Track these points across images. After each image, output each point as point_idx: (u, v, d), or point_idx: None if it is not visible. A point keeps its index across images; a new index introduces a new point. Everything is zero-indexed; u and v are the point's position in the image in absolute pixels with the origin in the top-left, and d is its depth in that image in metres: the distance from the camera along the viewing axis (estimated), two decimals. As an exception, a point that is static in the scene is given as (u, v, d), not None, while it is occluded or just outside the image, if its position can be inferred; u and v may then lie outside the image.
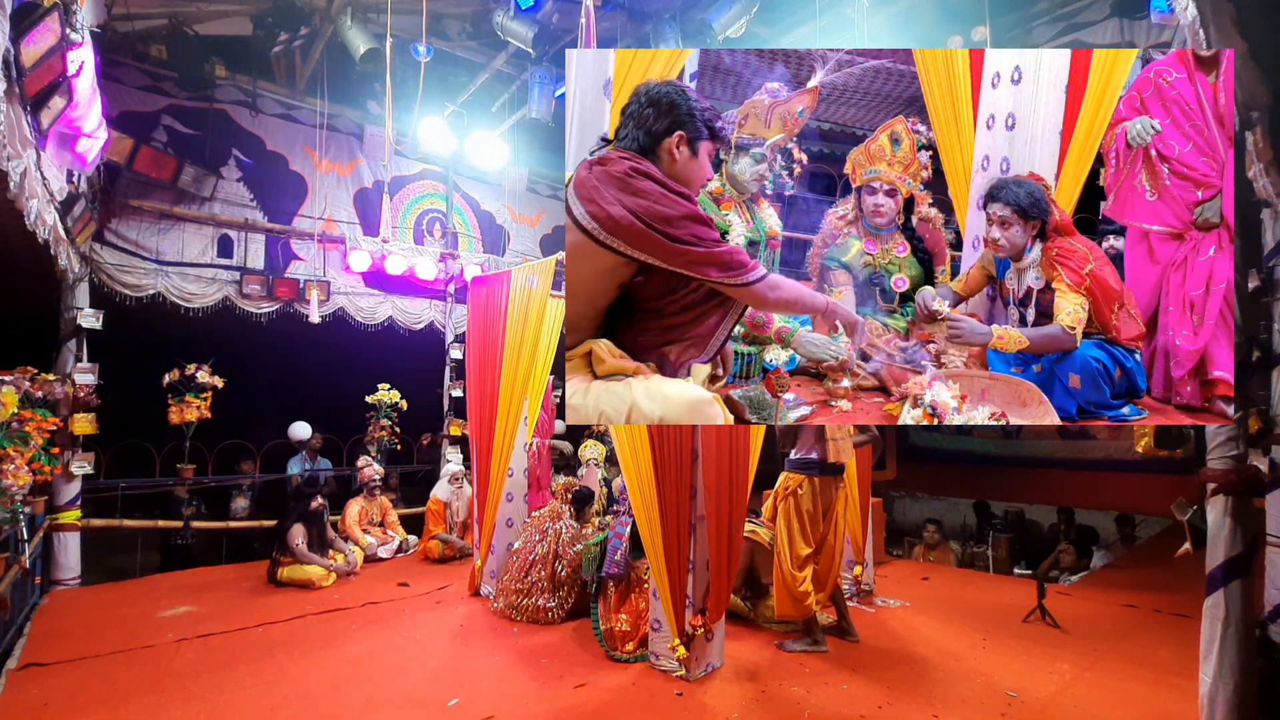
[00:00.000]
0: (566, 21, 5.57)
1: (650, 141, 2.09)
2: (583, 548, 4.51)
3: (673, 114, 2.09)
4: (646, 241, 1.96)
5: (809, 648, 4.05)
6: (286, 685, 3.58)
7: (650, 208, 1.95)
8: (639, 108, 2.13)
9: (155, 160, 5.98)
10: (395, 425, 7.45)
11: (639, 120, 2.11)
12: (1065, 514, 7.55)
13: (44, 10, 2.82)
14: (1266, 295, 2.26)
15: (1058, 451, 8.83)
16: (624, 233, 1.95)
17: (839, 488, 4.08)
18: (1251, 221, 2.27)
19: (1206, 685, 2.15)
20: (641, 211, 1.94)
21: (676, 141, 2.10)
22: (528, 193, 8.85)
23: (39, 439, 3.93)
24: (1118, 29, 4.76)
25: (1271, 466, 2.23)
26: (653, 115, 2.10)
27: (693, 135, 2.11)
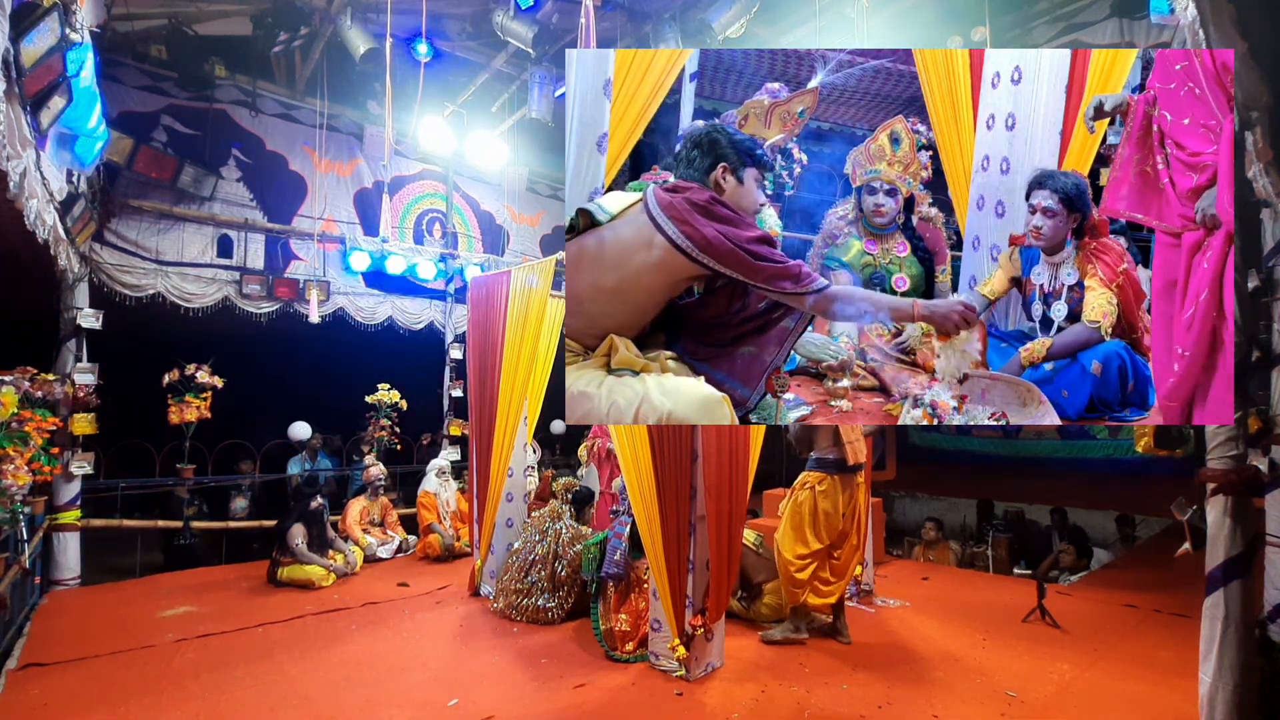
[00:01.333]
0: (566, 21, 5.58)
1: (702, 177, 2.41)
2: (583, 548, 4.51)
3: (714, 150, 2.41)
4: (734, 259, 2.26)
5: (788, 634, 4.12)
6: (286, 685, 3.58)
7: (734, 231, 2.27)
8: (685, 151, 2.46)
9: (155, 160, 5.98)
10: (395, 425, 7.45)
11: (688, 162, 2.44)
12: (1058, 514, 7.55)
13: (44, 10, 2.82)
14: (1266, 295, 2.26)
15: (1058, 451, 8.84)
16: (714, 251, 2.25)
17: (859, 486, 4.12)
18: (1251, 221, 2.27)
19: (1206, 685, 2.15)
20: (729, 234, 2.26)
21: (722, 173, 2.41)
22: (528, 193, 8.85)
23: (39, 439, 3.93)
24: (1118, 29, 4.76)
25: (1271, 466, 2.23)
26: (698, 156, 2.42)
27: (735, 165, 2.42)
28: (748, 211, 2.46)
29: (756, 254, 2.26)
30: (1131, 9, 4.64)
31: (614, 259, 2.33)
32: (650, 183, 3.84)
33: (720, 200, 2.33)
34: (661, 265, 2.30)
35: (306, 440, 7.30)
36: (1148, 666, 3.75)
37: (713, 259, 2.26)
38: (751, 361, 2.47)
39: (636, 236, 2.31)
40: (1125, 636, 4.26)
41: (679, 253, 2.27)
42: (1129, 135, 2.47)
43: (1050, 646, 4.08)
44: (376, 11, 5.80)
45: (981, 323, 3.53)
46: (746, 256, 2.26)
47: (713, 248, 2.25)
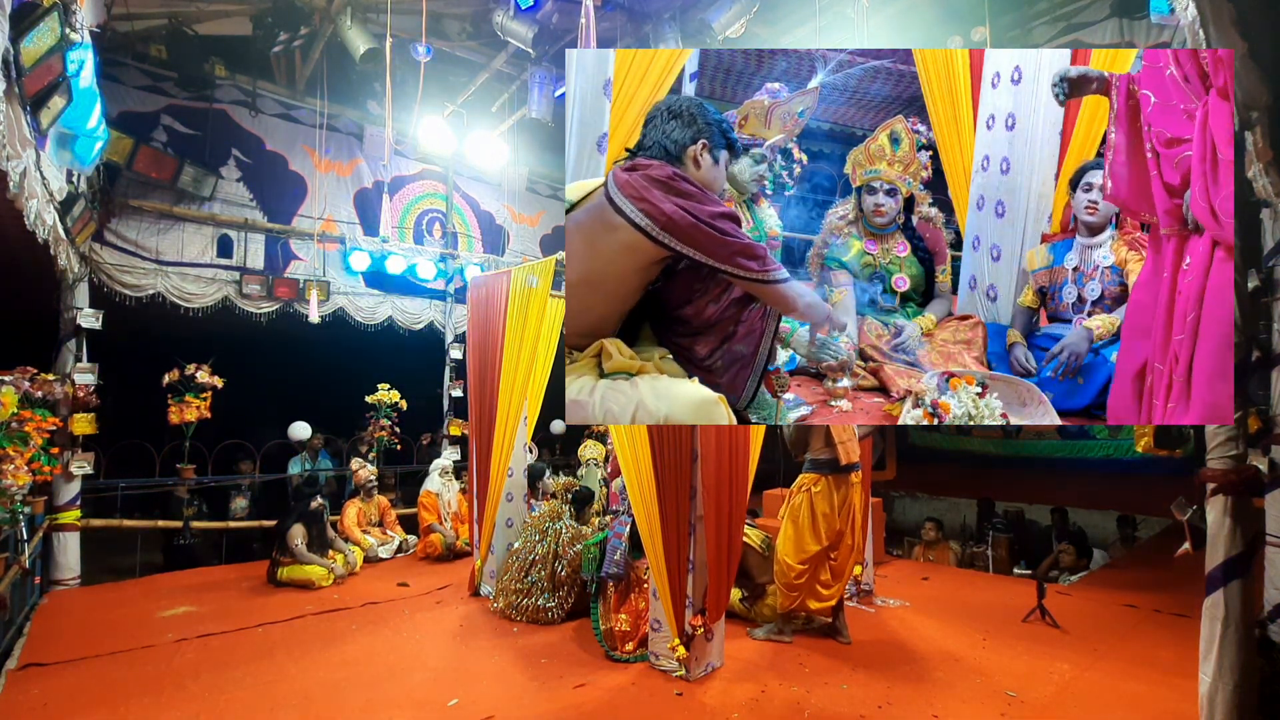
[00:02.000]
0: (566, 21, 5.57)
1: (677, 150, 2.31)
2: (583, 548, 4.52)
3: (695, 124, 2.31)
4: (698, 235, 2.14)
5: (771, 635, 4.15)
6: (286, 685, 3.58)
7: (697, 206, 2.15)
8: (662, 120, 2.33)
9: (155, 160, 5.99)
10: (395, 425, 7.45)
11: (664, 132, 2.32)
12: (1059, 514, 7.55)
13: (44, 10, 2.82)
14: (1266, 295, 2.26)
15: (1058, 451, 8.84)
16: (676, 228, 2.14)
17: (854, 486, 4.12)
18: (1251, 222, 2.27)
19: (1206, 685, 2.15)
20: (690, 209, 2.14)
21: (700, 149, 2.31)
22: (528, 193, 8.85)
23: (39, 439, 3.93)
24: (1118, 29, 4.75)
25: (1271, 466, 2.23)
26: (676, 127, 2.31)
27: (714, 143, 2.34)
28: (713, 192, 2.35)
29: (720, 229, 2.15)
30: (1131, 9, 4.64)
31: (579, 249, 2.25)
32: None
33: (683, 175, 2.21)
34: (626, 248, 2.20)
35: (306, 440, 7.30)
36: (1148, 666, 3.75)
37: (674, 237, 2.15)
38: (732, 364, 2.37)
39: (598, 221, 2.21)
40: (1125, 636, 4.26)
41: (639, 232, 2.16)
42: (1116, 118, 2.43)
43: (1050, 646, 4.08)
44: (376, 11, 5.80)
45: (981, 323, 3.56)
46: (710, 231, 2.14)
47: (673, 224, 2.13)
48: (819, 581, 4.05)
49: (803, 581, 4.00)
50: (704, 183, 2.29)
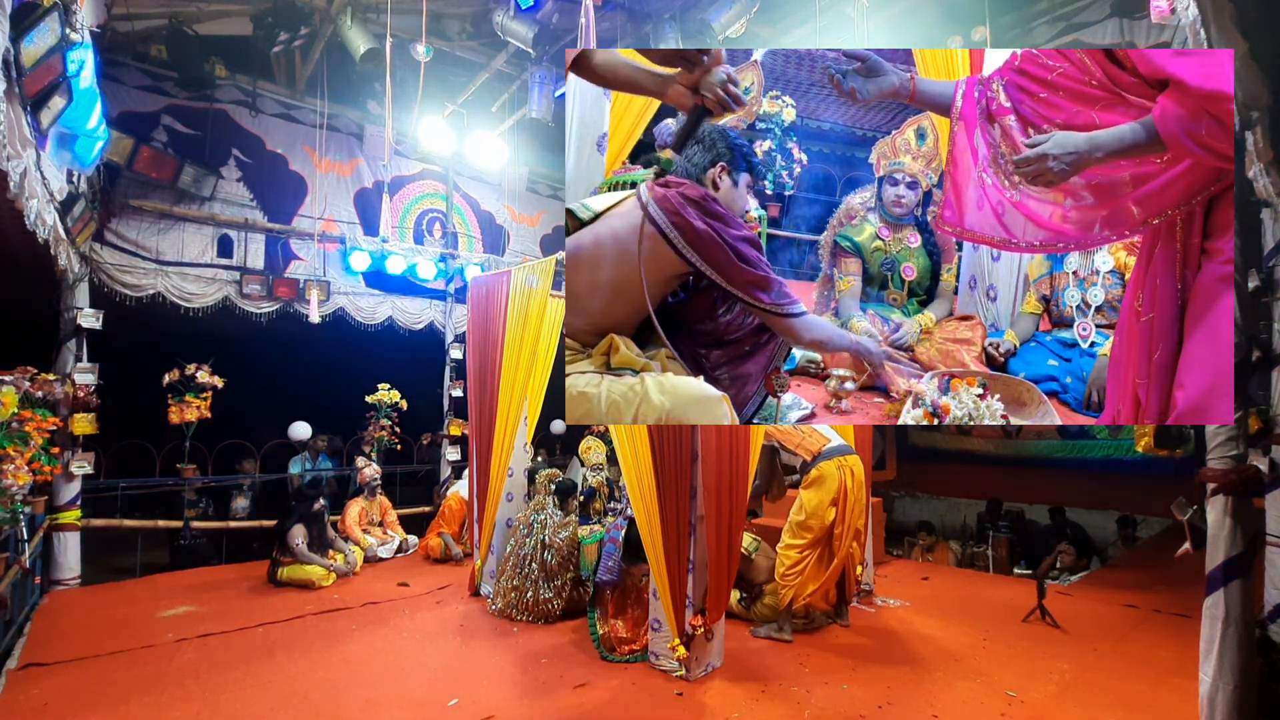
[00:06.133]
0: (566, 21, 5.57)
1: (697, 172, 2.47)
2: (581, 548, 4.54)
3: (714, 149, 2.48)
4: (720, 256, 2.28)
5: (772, 634, 4.17)
6: (286, 685, 3.58)
7: (725, 229, 2.30)
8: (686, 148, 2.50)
9: (155, 160, 5.98)
10: (395, 425, 7.45)
11: (687, 157, 2.50)
12: (1059, 514, 7.55)
13: (44, 10, 2.82)
14: (1266, 295, 2.26)
15: (1058, 451, 8.83)
16: (702, 245, 2.28)
17: (840, 468, 4.02)
18: (1251, 222, 2.27)
19: (1206, 685, 2.15)
20: (719, 230, 2.29)
21: (719, 171, 2.46)
22: (528, 193, 8.85)
23: (39, 439, 3.93)
24: (1118, 29, 4.75)
25: (1271, 466, 2.23)
26: (698, 151, 2.48)
27: (732, 167, 2.48)
28: (736, 214, 2.49)
29: (741, 254, 2.30)
30: (1131, 9, 4.64)
31: (609, 254, 2.34)
32: (634, 173, 3.85)
33: (714, 198, 2.36)
34: (650, 258, 2.33)
35: (306, 440, 7.29)
36: (1148, 666, 3.75)
37: (698, 253, 2.29)
38: (737, 381, 2.51)
39: (629, 229, 2.33)
40: (1125, 636, 4.26)
41: (666, 244, 2.29)
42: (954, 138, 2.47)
43: (1050, 646, 4.08)
44: (376, 11, 5.80)
45: (980, 323, 3.57)
46: (731, 255, 2.29)
47: (701, 241, 2.27)
48: (813, 573, 4.07)
49: (797, 576, 4.04)
50: (725, 203, 2.42)
